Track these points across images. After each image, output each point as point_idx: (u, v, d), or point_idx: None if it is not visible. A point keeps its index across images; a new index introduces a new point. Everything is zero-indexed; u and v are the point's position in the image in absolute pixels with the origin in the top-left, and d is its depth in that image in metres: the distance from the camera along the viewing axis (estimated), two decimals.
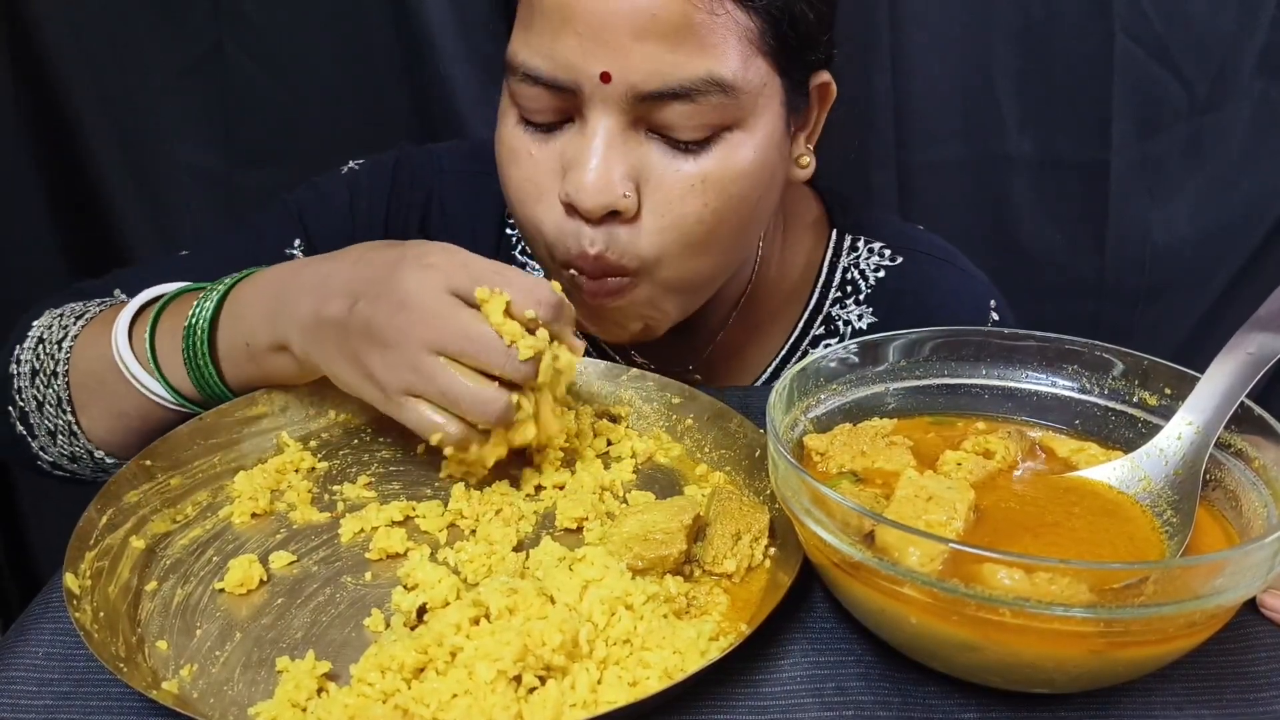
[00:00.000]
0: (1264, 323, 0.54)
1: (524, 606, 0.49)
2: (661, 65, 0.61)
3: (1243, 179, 1.23)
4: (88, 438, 0.71)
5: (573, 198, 0.64)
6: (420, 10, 1.11)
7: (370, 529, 0.60)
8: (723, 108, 0.64)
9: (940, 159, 1.23)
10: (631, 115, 0.64)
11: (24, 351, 0.73)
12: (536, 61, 0.64)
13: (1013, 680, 0.47)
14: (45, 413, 0.71)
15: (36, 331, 0.74)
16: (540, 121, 0.67)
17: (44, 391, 0.71)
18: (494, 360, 0.57)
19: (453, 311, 0.57)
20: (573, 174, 0.65)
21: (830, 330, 0.86)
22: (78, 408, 0.70)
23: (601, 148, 0.64)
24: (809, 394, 0.61)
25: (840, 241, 0.87)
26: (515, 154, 0.68)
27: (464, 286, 0.58)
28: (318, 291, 0.61)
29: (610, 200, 0.64)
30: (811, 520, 0.47)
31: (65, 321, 0.73)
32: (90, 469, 0.74)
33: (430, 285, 0.57)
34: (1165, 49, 1.16)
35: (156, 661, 0.50)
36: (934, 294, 0.86)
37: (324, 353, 0.61)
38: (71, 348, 0.71)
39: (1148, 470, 0.55)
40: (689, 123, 0.64)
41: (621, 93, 0.62)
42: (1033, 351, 0.62)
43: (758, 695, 0.48)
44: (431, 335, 0.57)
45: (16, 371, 0.73)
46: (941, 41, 1.16)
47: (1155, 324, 1.31)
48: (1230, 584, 0.42)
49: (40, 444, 0.73)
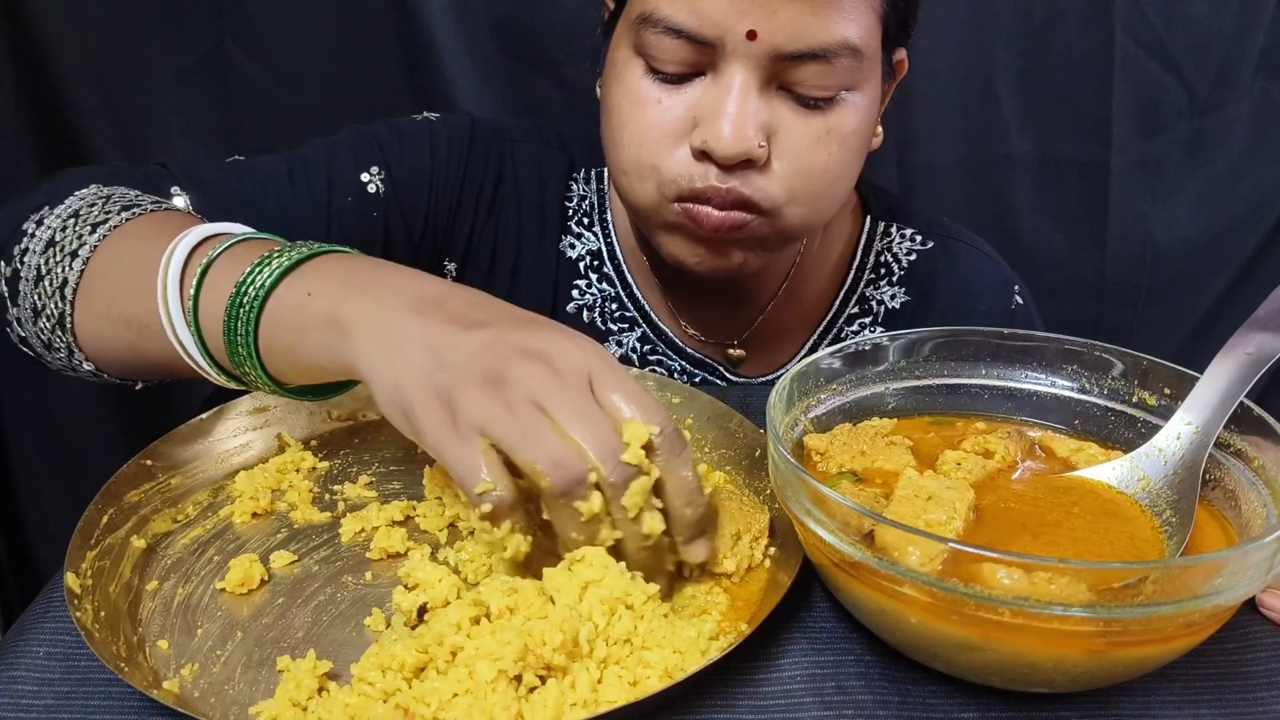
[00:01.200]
0: (1263, 323, 0.54)
1: (524, 606, 0.49)
2: (803, 28, 0.65)
3: (1243, 179, 1.23)
4: (74, 335, 0.64)
5: (710, 145, 0.67)
6: (421, 11, 1.11)
7: (371, 529, 0.60)
8: (850, 70, 0.68)
9: (940, 159, 1.23)
10: (768, 72, 0.67)
11: (52, 217, 0.66)
12: (681, 16, 0.66)
13: (1013, 680, 0.47)
14: (41, 288, 0.64)
15: (75, 204, 0.66)
16: (671, 73, 0.69)
17: (51, 266, 0.64)
18: (595, 445, 0.49)
19: (583, 393, 0.50)
20: (710, 124, 0.67)
21: (864, 310, 0.90)
22: (81, 298, 0.63)
23: (740, 99, 0.66)
24: (809, 394, 0.61)
25: (875, 227, 0.91)
26: (642, 101, 0.70)
27: (607, 382, 0.51)
28: (418, 292, 0.55)
29: (746, 149, 0.67)
30: (811, 520, 0.47)
31: (109, 207, 0.66)
32: (60, 364, 0.68)
33: (575, 356, 0.51)
34: (1165, 49, 1.16)
35: (157, 661, 0.50)
36: (962, 276, 0.91)
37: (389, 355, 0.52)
38: (106, 237, 0.64)
39: (1147, 470, 0.55)
40: (820, 82, 0.68)
41: (764, 50, 0.65)
42: (1033, 351, 0.62)
43: (758, 695, 0.48)
44: (549, 395, 0.49)
45: (32, 232, 0.65)
46: (941, 41, 1.16)
47: (1155, 324, 1.31)
48: (1229, 584, 0.42)
49: (17, 314, 0.66)
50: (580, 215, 0.89)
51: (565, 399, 0.49)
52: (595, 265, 0.88)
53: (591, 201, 0.89)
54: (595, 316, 0.89)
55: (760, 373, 0.91)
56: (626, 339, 0.89)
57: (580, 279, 0.89)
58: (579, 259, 0.88)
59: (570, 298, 0.88)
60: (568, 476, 0.48)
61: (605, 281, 0.88)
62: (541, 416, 0.49)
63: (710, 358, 0.89)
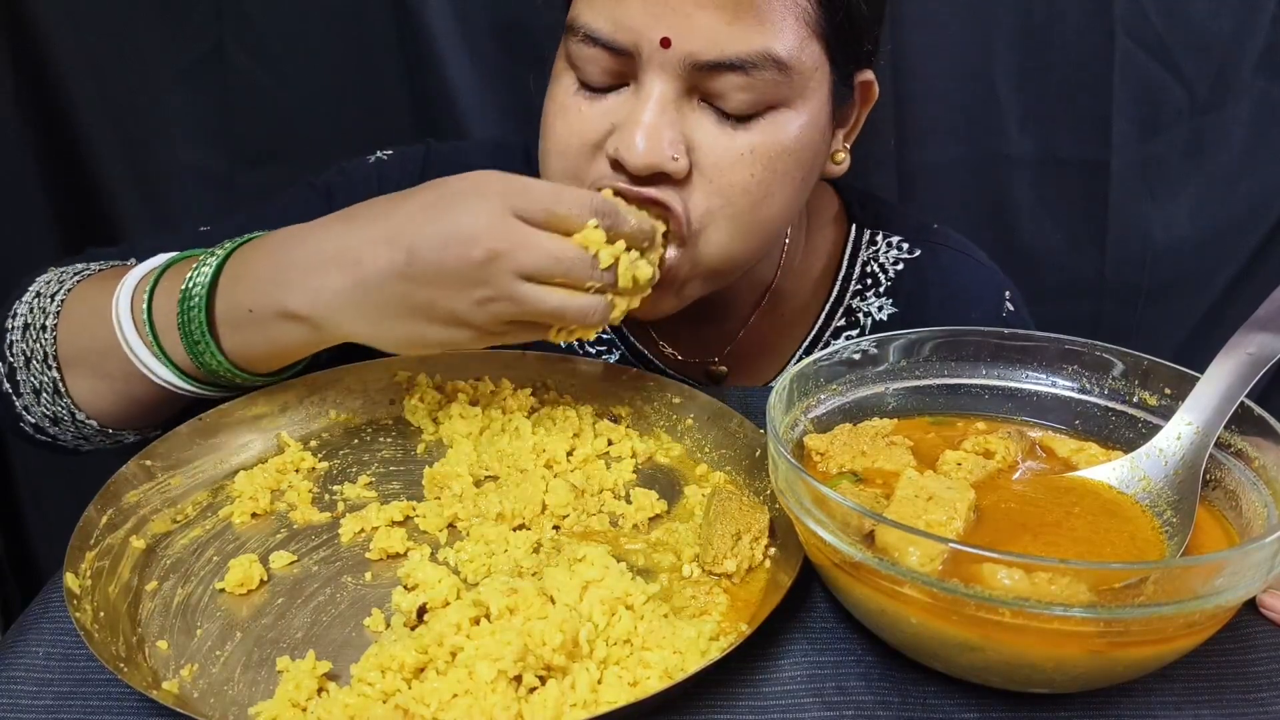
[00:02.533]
0: (1263, 323, 0.54)
1: (524, 606, 0.49)
2: (720, 36, 0.63)
3: (1243, 179, 1.23)
4: (71, 397, 0.70)
5: (621, 154, 0.65)
6: (421, 11, 1.11)
7: (370, 529, 0.60)
8: (775, 84, 0.65)
9: (940, 159, 1.23)
10: (686, 83, 0.65)
11: (20, 305, 0.72)
12: (599, 23, 0.65)
13: (1013, 680, 0.47)
14: (32, 368, 0.70)
15: (36, 286, 0.73)
16: (596, 84, 0.68)
17: (32, 346, 0.70)
18: (583, 274, 0.59)
19: (531, 236, 0.58)
20: (623, 131, 0.66)
21: (851, 322, 0.88)
22: (64, 364, 0.69)
23: (655, 110, 0.65)
24: (809, 394, 0.61)
25: (860, 236, 0.89)
26: (565, 110, 0.69)
27: (528, 209, 0.59)
28: (346, 256, 0.61)
29: (658, 160, 0.65)
30: (811, 520, 0.47)
31: (63, 277, 0.73)
32: (71, 434, 0.73)
33: (497, 214, 0.58)
34: (1165, 49, 1.16)
35: (157, 661, 0.50)
36: (951, 285, 0.88)
37: (366, 316, 0.60)
38: (64, 300, 0.70)
39: (1147, 470, 0.55)
40: (741, 95, 0.65)
41: (679, 59, 0.64)
42: (1033, 351, 0.62)
43: (758, 695, 0.48)
44: (520, 263, 0.58)
45: (10, 326, 0.71)
46: (941, 41, 1.16)
47: (1155, 324, 1.30)
48: (1230, 584, 0.42)
49: (24, 403, 0.71)
50: None
51: (523, 258, 0.57)
52: None
53: None
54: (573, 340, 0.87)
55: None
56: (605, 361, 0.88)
57: None
58: None
59: None
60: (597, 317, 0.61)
61: None
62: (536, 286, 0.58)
63: (691, 378, 0.88)
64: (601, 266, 0.60)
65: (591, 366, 0.74)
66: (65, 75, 1.13)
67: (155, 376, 0.67)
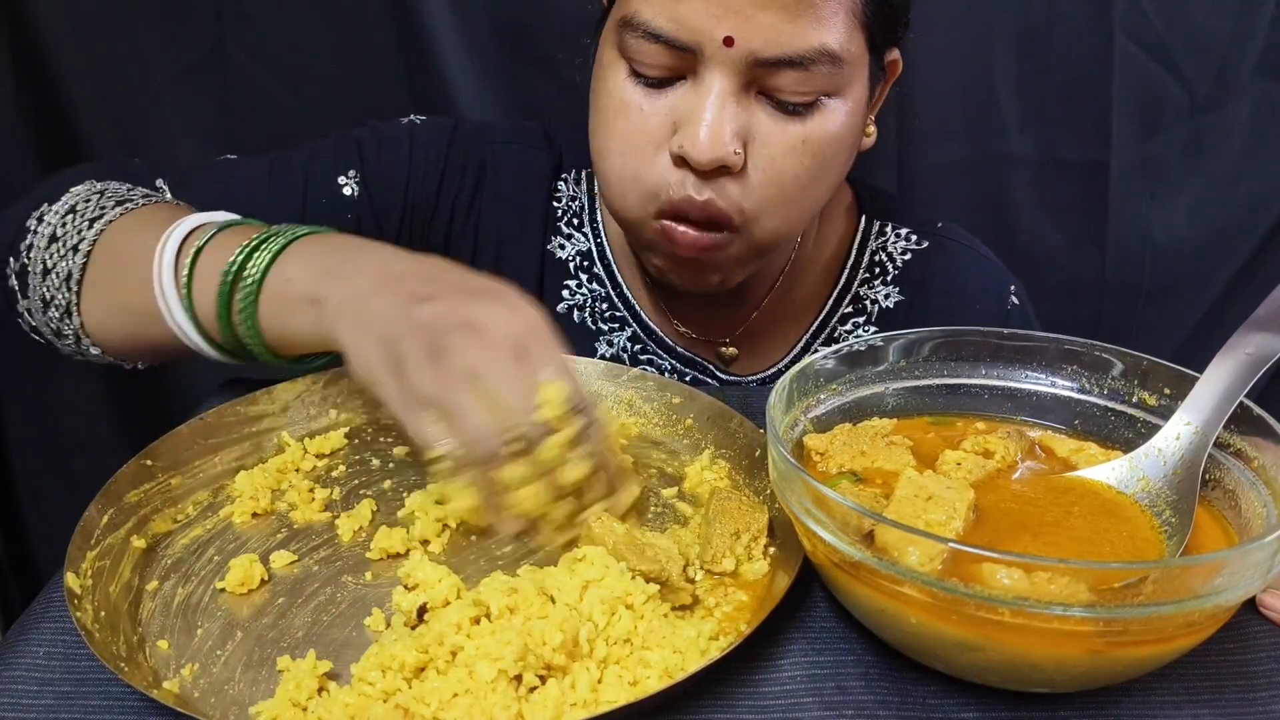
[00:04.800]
0: (1263, 323, 0.54)
1: (524, 606, 0.49)
2: (780, 35, 0.65)
3: (1243, 179, 1.23)
4: (82, 319, 0.71)
5: (686, 151, 0.67)
6: (421, 11, 1.11)
7: (371, 529, 0.60)
8: (829, 76, 0.68)
9: (940, 159, 1.23)
10: (746, 78, 0.67)
11: (51, 214, 0.72)
12: (660, 21, 0.66)
13: (1013, 680, 0.47)
14: (48, 281, 0.70)
15: (71, 200, 0.73)
16: (653, 76, 0.69)
17: (56, 261, 0.70)
18: (516, 406, 0.55)
19: (512, 363, 0.57)
20: (687, 129, 0.67)
21: (858, 309, 0.90)
22: (86, 288, 0.70)
23: (716, 106, 0.67)
24: (809, 394, 0.61)
25: (869, 226, 0.91)
26: (625, 106, 0.70)
27: (531, 349, 0.57)
28: (383, 271, 0.62)
29: (722, 155, 0.67)
30: (811, 520, 0.47)
31: (105, 201, 0.73)
32: (71, 348, 0.74)
33: (506, 327, 0.58)
34: (1165, 49, 1.16)
35: (157, 661, 0.50)
36: (957, 276, 0.90)
37: (358, 330, 0.60)
38: (104, 230, 0.70)
39: (1147, 470, 0.55)
40: (798, 88, 0.68)
41: (741, 57, 0.66)
42: (1032, 351, 0.62)
43: (758, 695, 0.48)
44: (480, 366, 0.56)
45: (35, 229, 0.72)
46: (942, 41, 1.16)
47: (1155, 324, 1.30)
48: (1229, 584, 0.42)
49: (28, 304, 0.72)
50: (570, 216, 0.89)
51: (493, 368, 0.56)
52: (585, 265, 0.89)
53: (582, 202, 0.89)
54: (585, 316, 0.89)
55: (752, 371, 0.91)
56: (617, 338, 0.89)
57: (570, 279, 0.89)
58: (569, 260, 0.89)
59: (560, 298, 0.88)
60: (484, 450, 0.55)
61: (595, 281, 0.89)
62: (470, 390, 0.55)
63: (701, 356, 0.89)
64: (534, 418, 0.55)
65: (592, 366, 0.74)
66: (65, 75, 1.13)
67: (183, 335, 0.67)
